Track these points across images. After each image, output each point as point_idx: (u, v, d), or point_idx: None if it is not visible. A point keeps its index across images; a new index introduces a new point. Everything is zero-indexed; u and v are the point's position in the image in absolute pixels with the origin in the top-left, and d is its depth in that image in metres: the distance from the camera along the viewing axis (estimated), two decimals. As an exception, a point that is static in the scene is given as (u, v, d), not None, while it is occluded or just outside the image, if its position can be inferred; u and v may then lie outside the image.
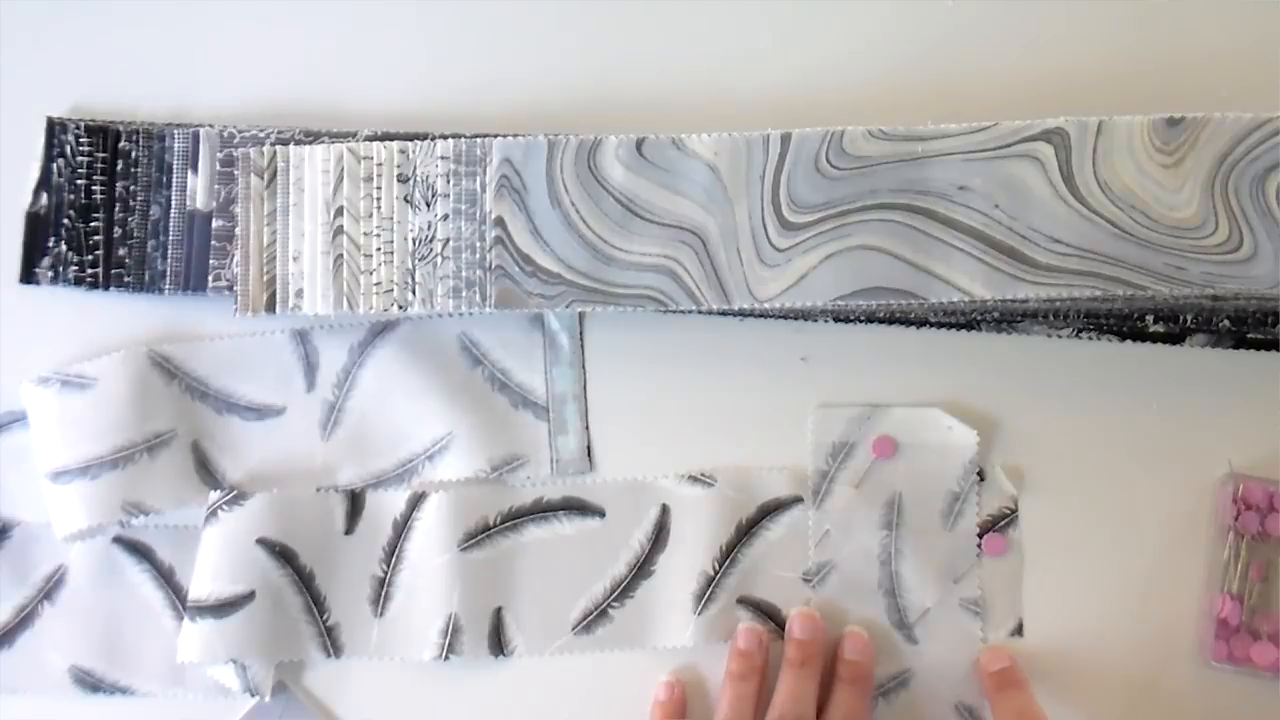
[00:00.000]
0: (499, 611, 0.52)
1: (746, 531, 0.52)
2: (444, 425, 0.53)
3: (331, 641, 0.52)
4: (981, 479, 0.52)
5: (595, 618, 0.52)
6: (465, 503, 0.52)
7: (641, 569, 0.52)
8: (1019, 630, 0.51)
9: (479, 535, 0.52)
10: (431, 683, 0.52)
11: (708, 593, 0.51)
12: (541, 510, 0.53)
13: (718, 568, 0.51)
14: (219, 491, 0.52)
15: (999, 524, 0.52)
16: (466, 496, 0.52)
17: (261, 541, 0.51)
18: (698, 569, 0.51)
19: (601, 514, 0.52)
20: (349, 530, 0.53)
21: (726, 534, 0.52)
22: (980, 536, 0.51)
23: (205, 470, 0.53)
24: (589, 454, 0.53)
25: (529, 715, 0.52)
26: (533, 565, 0.52)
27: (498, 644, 0.52)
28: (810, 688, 0.49)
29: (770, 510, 0.52)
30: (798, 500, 0.52)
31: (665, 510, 0.52)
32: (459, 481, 0.53)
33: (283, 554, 0.52)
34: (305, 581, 0.52)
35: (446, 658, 0.51)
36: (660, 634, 0.51)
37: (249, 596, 0.51)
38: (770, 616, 0.52)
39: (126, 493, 0.51)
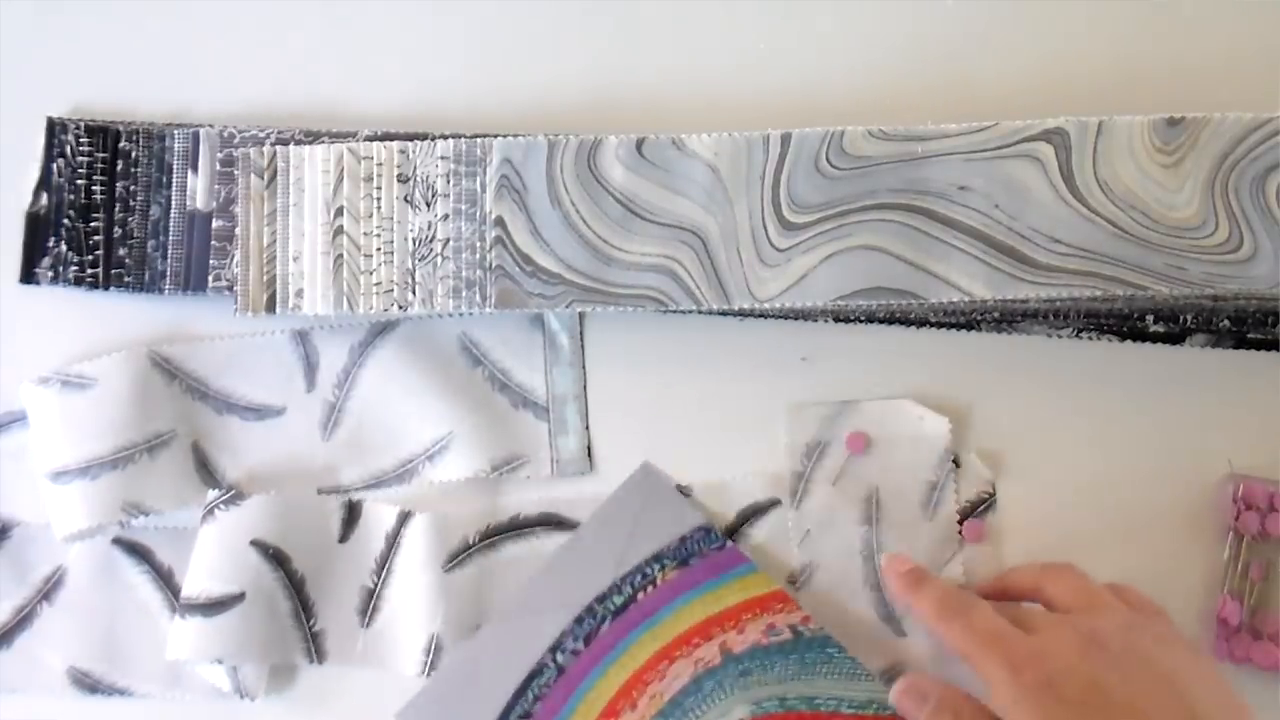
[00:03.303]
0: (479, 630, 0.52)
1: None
2: (444, 425, 0.53)
3: (316, 647, 0.52)
4: (957, 466, 0.52)
5: None
6: (447, 523, 0.52)
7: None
8: None
9: (460, 555, 0.52)
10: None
11: None
12: (518, 527, 0.52)
13: None
14: (216, 491, 0.52)
15: (977, 509, 0.52)
16: (449, 516, 0.52)
17: (255, 543, 0.51)
18: None
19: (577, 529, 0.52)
20: (343, 538, 0.53)
21: None
22: (960, 523, 0.51)
23: (205, 470, 0.53)
24: (589, 454, 0.53)
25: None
26: (513, 582, 0.52)
27: None
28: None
29: (749, 516, 0.52)
30: (776, 503, 0.52)
31: None
32: (458, 482, 0.52)
33: (276, 557, 0.51)
34: (296, 586, 0.52)
35: (428, 675, 0.51)
36: None
37: (239, 597, 0.50)
38: None
39: (126, 493, 0.51)
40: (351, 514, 0.53)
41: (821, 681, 0.49)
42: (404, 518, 0.52)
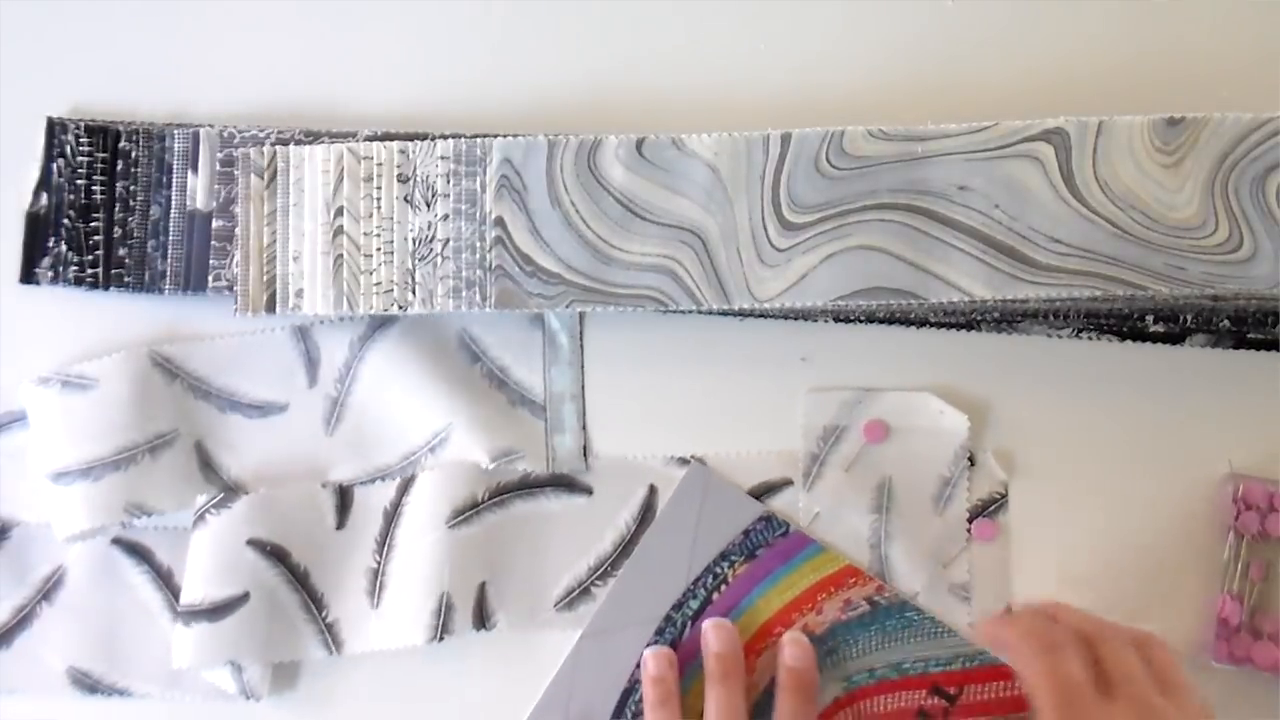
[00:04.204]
0: (483, 586, 0.52)
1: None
2: (444, 418, 0.53)
3: (332, 638, 0.52)
4: (972, 464, 0.52)
5: (578, 595, 0.52)
6: (454, 479, 0.52)
7: (626, 548, 0.52)
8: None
9: (467, 511, 0.52)
10: (419, 669, 0.52)
11: None
12: (529, 486, 0.53)
13: None
14: (205, 495, 0.52)
15: (989, 509, 0.52)
16: (456, 474, 0.52)
17: (252, 542, 0.51)
18: None
19: (589, 492, 0.53)
20: (340, 525, 0.53)
21: None
22: (970, 521, 0.51)
23: (209, 469, 0.53)
24: (585, 453, 0.53)
25: (515, 695, 0.51)
26: (519, 541, 0.52)
27: (480, 618, 0.51)
28: (739, 701, 0.48)
29: (760, 493, 0.52)
30: (788, 483, 0.52)
31: (653, 490, 0.52)
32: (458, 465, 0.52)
33: (274, 553, 0.51)
34: (300, 579, 0.52)
35: (441, 638, 0.51)
36: None
37: (243, 598, 0.50)
38: None
39: (128, 493, 0.51)
40: (344, 500, 0.53)
41: (905, 646, 0.50)
42: (406, 484, 0.52)
